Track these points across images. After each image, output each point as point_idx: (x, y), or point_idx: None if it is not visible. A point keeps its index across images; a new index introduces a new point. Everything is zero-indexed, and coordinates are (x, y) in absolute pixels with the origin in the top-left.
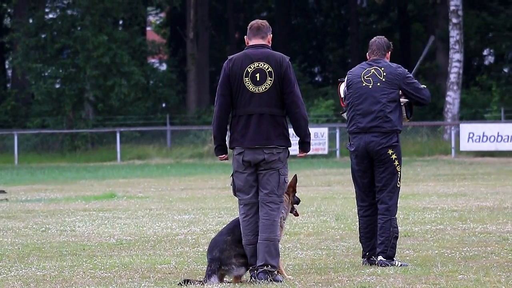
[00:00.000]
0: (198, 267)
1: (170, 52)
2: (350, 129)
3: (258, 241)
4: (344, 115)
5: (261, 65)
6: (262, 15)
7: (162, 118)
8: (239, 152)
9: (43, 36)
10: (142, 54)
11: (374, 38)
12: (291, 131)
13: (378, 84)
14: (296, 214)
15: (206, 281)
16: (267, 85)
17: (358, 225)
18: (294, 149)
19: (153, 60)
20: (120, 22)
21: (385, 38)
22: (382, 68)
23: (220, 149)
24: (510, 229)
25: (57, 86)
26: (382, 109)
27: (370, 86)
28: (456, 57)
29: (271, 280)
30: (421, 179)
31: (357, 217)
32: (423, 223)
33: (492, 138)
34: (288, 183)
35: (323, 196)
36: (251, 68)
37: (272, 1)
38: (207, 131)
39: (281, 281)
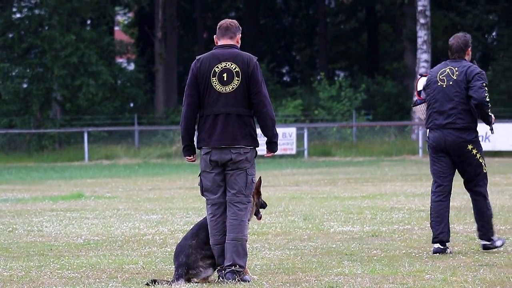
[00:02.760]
0: (166, 267)
1: (138, 52)
2: (428, 125)
3: (226, 241)
4: (416, 108)
5: (228, 65)
6: (230, 15)
7: (130, 118)
8: (206, 152)
9: (10, 35)
10: (110, 53)
11: (452, 39)
12: (258, 131)
13: (451, 83)
14: (259, 218)
15: (174, 281)
16: (234, 85)
17: (429, 209)
18: (261, 149)
19: (121, 60)
20: (88, 21)
21: (463, 36)
22: (456, 68)
23: (188, 149)
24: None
25: (25, 85)
26: (455, 107)
27: (444, 85)
28: (423, 57)
29: (238, 280)
30: (389, 179)
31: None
32: (391, 223)
33: None
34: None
35: (291, 196)
36: (218, 68)
37: (240, 1)
38: (175, 131)
39: (249, 281)
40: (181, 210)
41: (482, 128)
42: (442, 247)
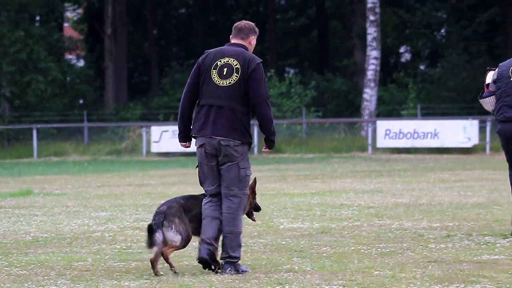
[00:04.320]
0: (115, 264)
1: (87, 48)
2: (498, 117)
3: (223, 234)
4: (484, 100)
5: (231, 60)
6: (180, 11)
7: (80, 114)
8: (200, 145)
9: None
10: (59, 50)
11: None
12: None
13: None
14: (253, 220)
15: (150, 242)
16: (231, 80)
17: (510, 189)
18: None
19: (70, 56)
20: (37, 17)
21: None
22: None
23: (182, 136)
24: (426, 226)
25: None
26: None
27: None
28: (373, 54)
29: (235, 271)
30: (338, 175)
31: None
32: (340, 219)
33: (408, 135)
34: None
35: None
36: (221, 62)
37: None
38: (124, 128)
39: (245, 271)
40: (131, 207)
41: (430, 124)
42: None
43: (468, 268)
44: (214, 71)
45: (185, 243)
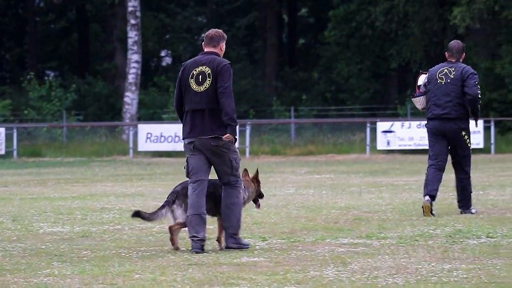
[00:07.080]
0: None
1: None
2: (428, 115)
3: (223, 214)
4: (415, 99)
5: (204, 68)
6: None
7: None
8: (189, 142)
9: None
10: None
11: (453, 42)
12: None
13: (448, 80)
14: (258, 206)
15: (154, 213)
16: (206, 85)
17: (426, 174)
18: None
19: None
20: None
21: (461, 42)
22: (453, 68)
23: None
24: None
25: None
26: (450, 101)
27: (443, 82)
28: (134, 58)
29: (238, 246)
30: (99, 179)
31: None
32: (101, 223)
33: (169, 139)
34: (249, 173)
35: (0, 197)
36: (196, 71)
37: None
38: None
39: (247, 245)
40: None
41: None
42: (431, 200)
43: (228, 271)
44: (191, 80)
45: None
